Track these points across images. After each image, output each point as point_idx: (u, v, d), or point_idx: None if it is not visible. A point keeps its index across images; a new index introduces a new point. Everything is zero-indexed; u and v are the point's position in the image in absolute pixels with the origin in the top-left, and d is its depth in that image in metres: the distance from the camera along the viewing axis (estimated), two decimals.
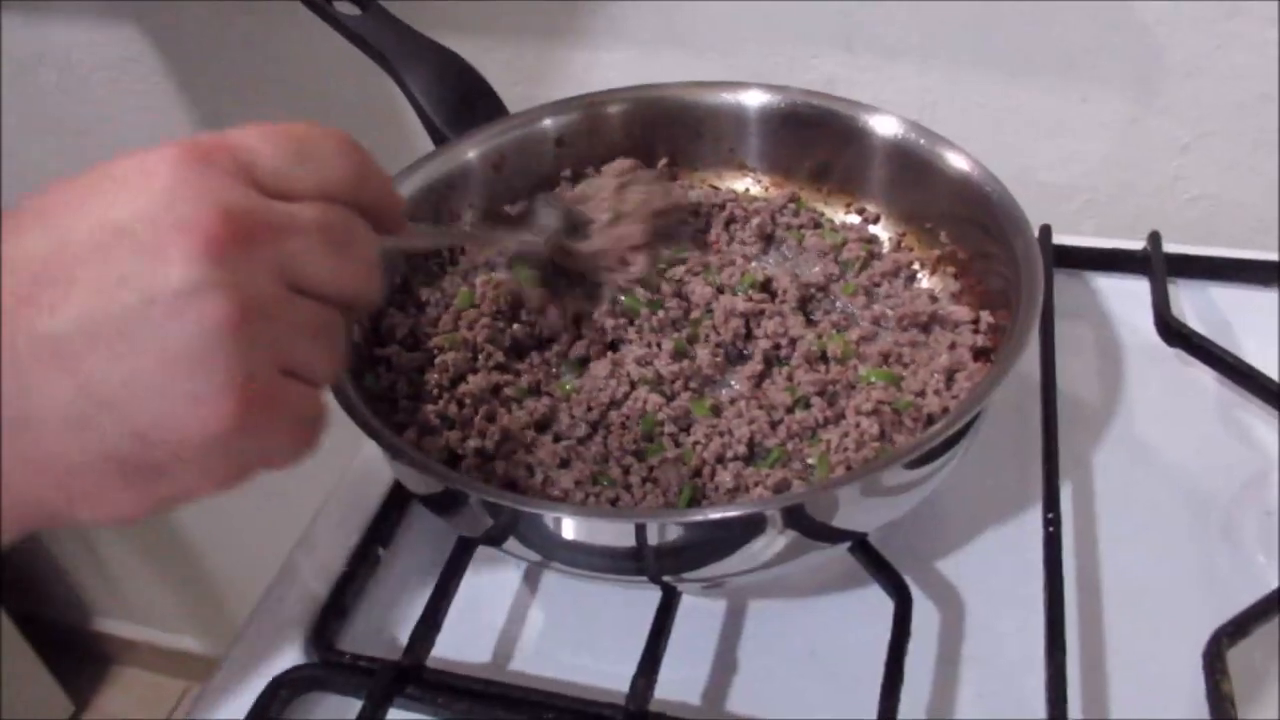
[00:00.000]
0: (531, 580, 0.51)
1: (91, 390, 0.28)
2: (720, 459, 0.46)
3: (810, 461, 0.46)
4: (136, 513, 0.30)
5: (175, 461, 0.29)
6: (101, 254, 0.28)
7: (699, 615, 0.49)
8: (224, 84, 0.87)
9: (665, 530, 0.40)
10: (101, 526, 0.30)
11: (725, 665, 0.47)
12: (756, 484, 0.45)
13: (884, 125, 0.56)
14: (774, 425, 0.47)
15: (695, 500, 0.45)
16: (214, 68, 0.86)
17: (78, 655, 1.58)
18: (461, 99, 0.61)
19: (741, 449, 0.46)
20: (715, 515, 0.40)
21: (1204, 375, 0.57)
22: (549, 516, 0.41)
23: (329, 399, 0.41)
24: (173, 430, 0.29)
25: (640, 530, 0.40)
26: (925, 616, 0.48)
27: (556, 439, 0.48)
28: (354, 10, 0.67)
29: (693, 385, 0.50)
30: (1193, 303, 0.61)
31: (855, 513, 0.43)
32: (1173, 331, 0.57)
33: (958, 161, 0.53)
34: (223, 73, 0.86)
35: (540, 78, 0.76)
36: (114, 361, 0.28)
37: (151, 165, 0.29)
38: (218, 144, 0.30)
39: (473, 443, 0.47)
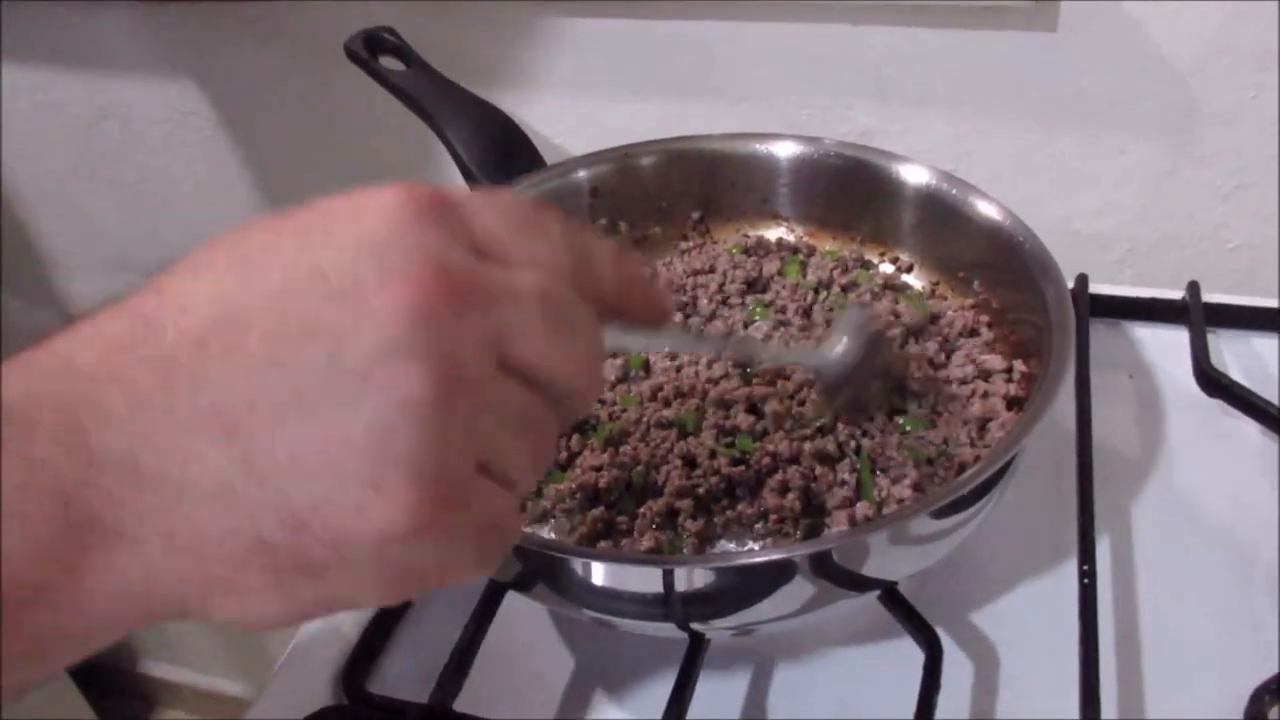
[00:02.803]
0: (560, 626, 0.51)
1: (250, 460, 0.24)
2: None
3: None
4: (277, 618, 0.26)
5: (334, 562, 0.25)
6: (290, 297, 0.24)
7: (728, 664, 0.48)
8: (276, 137, 0.90)
9: (692, 576, 0.40)
10: (237, 627, 0.26)
11: (754, 714, 0.47)
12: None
13: (915, 175, 0.57)
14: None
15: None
16: (267, 121, 0.89)
17: (123, 697, 1.60)
18: (500, 151, 0.63)
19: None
20: (742, 561, 0.40)
21: (1246, 426, 0.56)
22: (577, 562, 0.41)
23: None
24: (338, 521, 0.24)
25: (667, 576, 0.40)
26: (958, 669, 0.47)
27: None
28: (399, 66, 0.69)
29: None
30: (1234, 353, 0.61)
31: (883, 561, 0.42)
32: (1213, 382, 0.56)
33: (988, 210, 0.53)
34: (275, 126, 0.89)
35: (578, 130, 0.78)
36: (280, 428, 0.24)
37: (365, 206, 0.26)
38: (441, 196, 0.27)
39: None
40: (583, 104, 0.77)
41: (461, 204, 0.27)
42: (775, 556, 0.41)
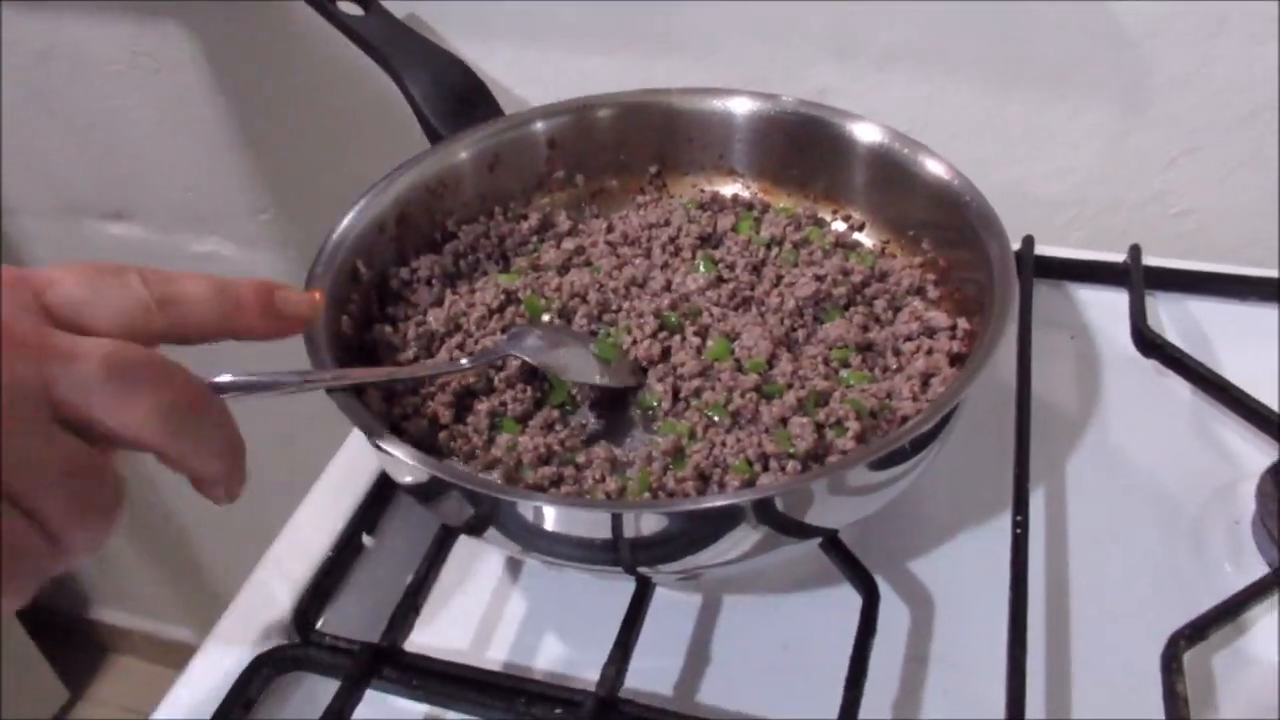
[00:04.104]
0: (512, 570, 0.53)
1: None
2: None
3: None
4: None
5: None
6: None
7: (675, 608, 0.50)
8: (231, 78, 0.88)
9: (639, 521, 0.41)
10: None
11: (698, 657, 0.48)
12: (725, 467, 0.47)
13: (867, 133, 0.57)
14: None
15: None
16: (222, 63, 0.87)
17: (74, 643, 1.60)
18: (458, 99, 0.62)
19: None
20: (687, 507, 0.41)
21: (1179, 386, 0.58)
22: (527, 506, 0.42)
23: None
24: None
25: (615, 521, 0.41)
26: (895, 615, 0.49)
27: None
28: (356, 10, 0.68)
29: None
30: (1171, 315, 0.62)
31: (824, 509, 0.44)
32: (1149, 343, 0.58)
33: (937, 169, 0.54)
34: (230, 68, 0.87)
35: (538, 81, 0.78)
36: None
37: None
38: (17, 273, 0.32)
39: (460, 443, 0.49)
40: (543, 55, 0.77)
41: (33, 278, 0.32)
42: (719, 503, 0.42)
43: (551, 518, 0.42)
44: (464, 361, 0.50)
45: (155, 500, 1.36)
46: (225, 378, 0.43)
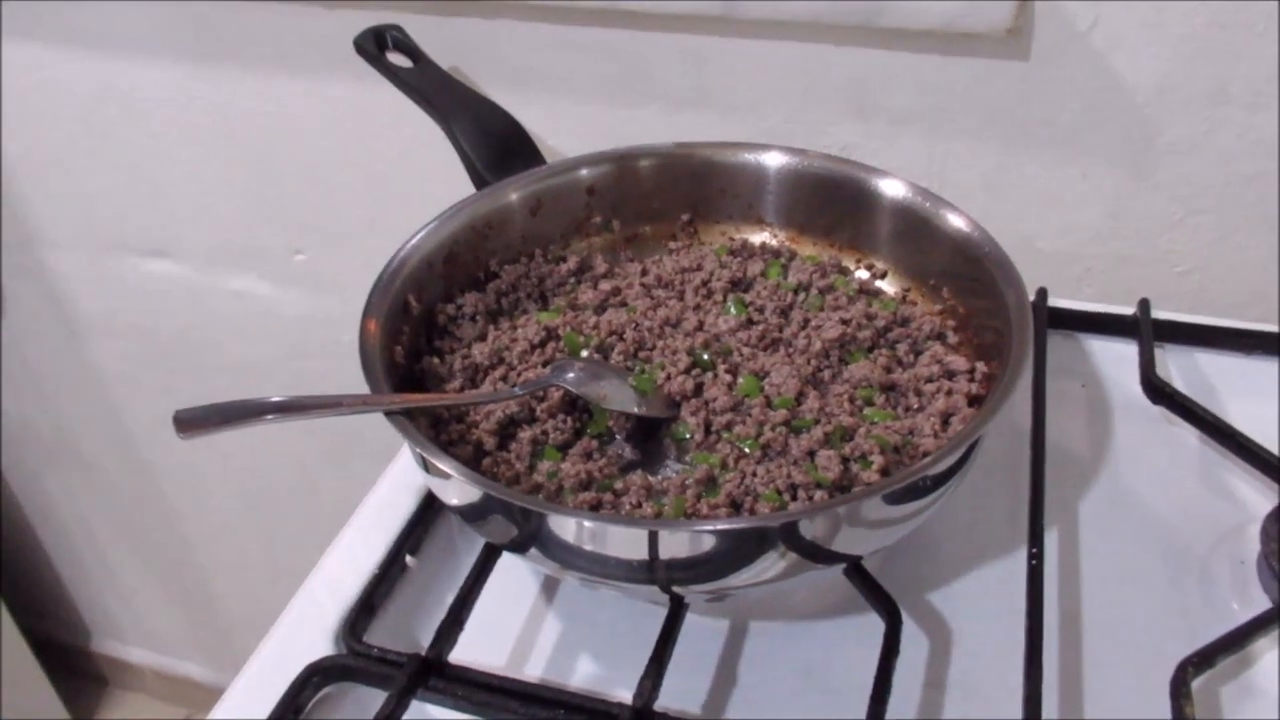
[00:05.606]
0: (547, 592, 0.55)
1: None
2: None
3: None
4: None
5: None
6: None
7: (704, 633, 0.52)
8: (281, 126, 0.92)
9: (676, 539, 0.43)
10: None
11: (725, 679, 0.50)
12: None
13: (892, 188, 0.61)
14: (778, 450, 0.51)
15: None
16: (267, 108, 0.91)
17: (82, 676, 1.61)
18: (503, 148, 0.66)
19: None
20: (722, 526, 0.44)
21: (1187, 433, 0.60)
22: (576, 523, 0.44)
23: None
24: None
25: (653, 538, 0.43)
26: (914, 643, 0.51)
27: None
28: (406, 63, 0.73)
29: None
30: (1179, 366, 0.65)
31: (849, 536, 0.46)
32: (1158, 391, 0.61)
33: (958, 222, 0.58)
34: (281, 114, 0.91)
35: (570, 132, 0.81)
36: None
37: None
38: None
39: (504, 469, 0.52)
40: (575, 108, 0.80)
41: None
42: (750, 524, 0.45)
43: (596, 535, 0.44)
44: (515, 389, 0.53)
45: (170, 535, 1.38)
46: (289, 397, 0.46)
